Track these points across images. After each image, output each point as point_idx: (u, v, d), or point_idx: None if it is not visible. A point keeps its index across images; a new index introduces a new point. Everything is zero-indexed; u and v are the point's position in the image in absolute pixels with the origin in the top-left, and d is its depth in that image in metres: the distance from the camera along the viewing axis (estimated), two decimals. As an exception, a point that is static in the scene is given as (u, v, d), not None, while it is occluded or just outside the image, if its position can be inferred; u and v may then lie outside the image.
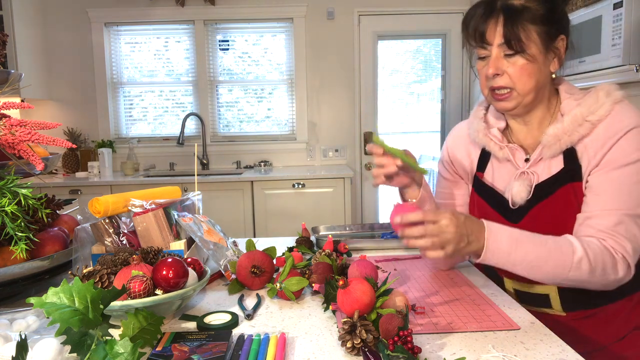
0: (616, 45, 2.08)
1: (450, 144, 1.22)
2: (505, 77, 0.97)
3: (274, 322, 0.92)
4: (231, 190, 3.29)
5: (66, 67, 3.75)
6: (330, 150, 3.89)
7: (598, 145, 0.94)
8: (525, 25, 0.94)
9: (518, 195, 1.03)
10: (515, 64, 0.96)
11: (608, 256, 0.90)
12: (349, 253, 1.29)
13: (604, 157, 0.94)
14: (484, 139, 1.09)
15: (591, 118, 0.95)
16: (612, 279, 0.91)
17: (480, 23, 0.97)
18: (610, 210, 0.92)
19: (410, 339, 0.75)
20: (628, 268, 0.92)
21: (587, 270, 0.89)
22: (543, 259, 0.89)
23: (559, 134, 0.97)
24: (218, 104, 3.90)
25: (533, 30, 0.94)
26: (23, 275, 1.00)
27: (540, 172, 1.02)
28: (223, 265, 1.12)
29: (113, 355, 0.67)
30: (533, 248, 0.90)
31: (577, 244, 0.90)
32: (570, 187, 0.98)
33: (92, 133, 3.80)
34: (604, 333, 1.03)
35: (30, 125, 0.96)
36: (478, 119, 1.12)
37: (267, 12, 3.74)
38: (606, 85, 0.98)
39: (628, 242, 0.91)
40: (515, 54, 0.95)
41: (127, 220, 1.15)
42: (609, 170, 0.93)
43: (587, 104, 0.96)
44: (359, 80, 3.83)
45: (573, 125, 0.96)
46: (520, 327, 0.87)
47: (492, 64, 0.97)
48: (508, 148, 1.06)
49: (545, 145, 0.99)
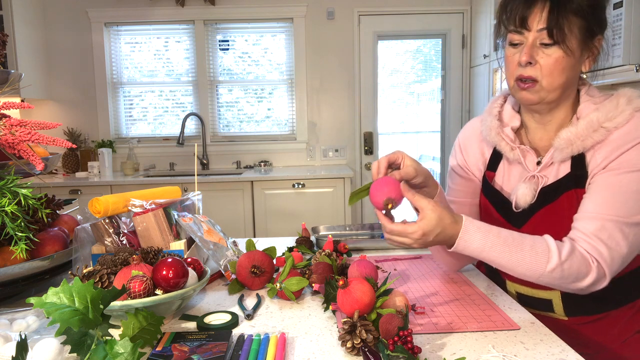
0: (616, 45, 2.08)
1: (462, 140, 1.18)
2: (537, 67, 0.93)
3: (274, 322, 0.92)
4: (231, 190, 3.29)
5: (66, 67, 3.75)
6: (330, 150, 3.89)
7: (608, 151, 0.91)
8: (569, 15, 0.89)
9: (522, 198, 1.00)
10: (550, 56, 0.92)
11: (584, 265, 0.88)
12: (349, 253, 1.29)
13: (610, 163, 0.91)
14: (496, 138, 1.06)
15: (607, 125, 0.91)
16: (583, 286, 0.90)
17: (523, 6, 0.93)
18: (599, 214, 0.89)
19: (410, 339, 0.74)
20: (603, 277, 0.89)
21: (557, 277, 0.88)
22: (514, 263, 0.88)
23: (571, 138, 0.94)
24: (218, 104, 3.90)
25: (576, 22, 0.90)
26: (23, 275, 1.00)
27: (549, 176, 1.00)
28: (223, 265, 1.12)
29: (113, 355, 0.67)
30: (505, 254, 0.88)
31: (555, 252, 0.88)
32: (574, 193, 0.96)
33: (92, 133, 3.80)
34: (606, 336, 1.03)
35: (30, 125, 0.96)
36: (492, 116, 1.08)
37: (267, 12, 3.74)
38: (629, 91, 0.94)
39: (607, 249, 0.88)
40: (554, 44, 0.91)
41: (127, 220, 1.15)
42: (610, 175, 0.91)
43: (605, 110, 0.92)
44: (359, 80, 3.83)
45: (587, 130, 0.92)
46: (520, 327, 0.87)
47: (527, 50, 0.92)
48: (519, 149, 1.03)
49: (557, 148, 0.96)
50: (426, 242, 0.89)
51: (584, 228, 0.90)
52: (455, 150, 1.20)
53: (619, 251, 0.88)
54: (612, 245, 0.88)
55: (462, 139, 1.19)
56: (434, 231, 0.87)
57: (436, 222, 0.87)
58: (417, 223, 0.87)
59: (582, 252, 0.89)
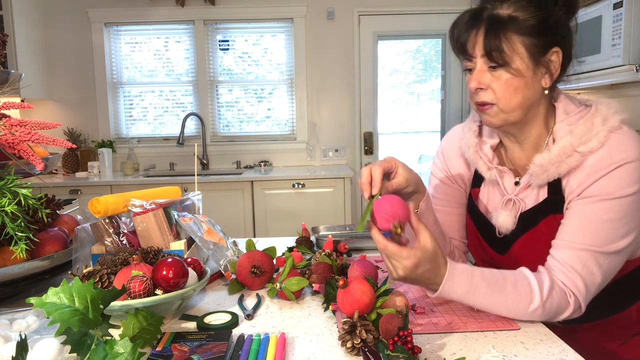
0: (616, 45, 2.08)
1: (446, 150, 1.14)
2: (490, 92, 0.90)
3: (274, 322, 0.92)
4: (231, 190, 3.29)
5: (66, 67, 3.75)
6: (330, 150, 3.89)
7: (582, 178, 0.88)
8: (509, 36, 0.86)
9: (504, 225, 0.99)
10: (499, 78, 0.89)
11: (563, 301, 0.87)
12: (349, 253, 1.29)
13: (584, 190, 0.88)
14: (474, 156, 1.02)
15: (582, 149, 0.87)
16: (560, 319, 0.89)
17: (462, 33, 0.91)
18: (573, 243, 0.87)
19: (410, 339, 0.74)
20: (579, 308, 0.88)
21: (538, 316, 0.87)
22: (497, 306, 0.87)
23: (545, 164, 0.91)
24: (218, 104, 3.90)
25: (519, 42, 0.86)
26: (23, 275, 1.00)
27: (527, 199, 0.97)
28: (223, 265, 1.12)
29: (113, 355, 0.67)
30: (488, 297, 0.86)
31: (537, 293, 0.86)
32: (553, 218, 0.94)
33: (92, 133, 3.80)
34: (604, 339, 1.02)
35: (30, 125, 0.96)
36: (471, 132, 1.05)
37: (267, 12, 3.74)
38: (605, 106, 0.90)
39: (581, 280, 0.86)
40: (499, 67, 0.88)
41: (127, 220, 1.15)
42: (585, 202, 0.88)
43: (579, 132, 0.88)
44: (359, 80, 3.83)
45: (561, 156, 0.89)
46: (520, 327, 0.87)
47: (475, 77, 0.90)
48: (497, 170, 1.00)
49: (532, 174, 0.93)
50: (411, 274, 0.83)
51: (560, 257, 0.89)
52: (438, 157, 1.15)
53: (593, 281, 0.87)
54: (586, 276, 0.87)
55: (445, 147, 1.14)
56: (423, 265, 0.83)
57: (431, 255, 0.83)
58: (413, 250, 0.82)
59: (561, 286, 0.87)
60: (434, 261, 0.84)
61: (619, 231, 0.86)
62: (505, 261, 1.02)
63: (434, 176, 1.16)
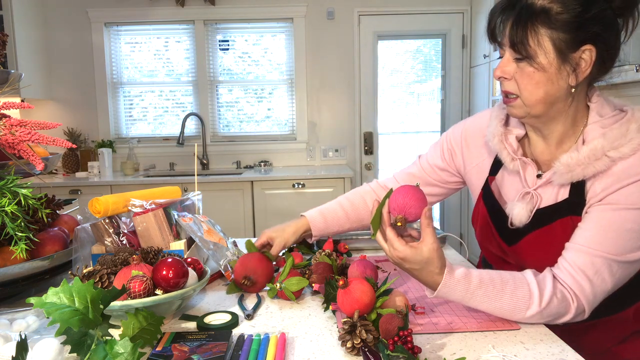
0: (616, 45, 2.07)
1: (470, 132, 1.11)
2: (513, 82, 0.89)
3: (274, 322, 0.92)
4: (231, 190, 3.29)
5: (66, 67, 3.75)
6: (330, 150, 3.89)
7: (608, 183, 0.85)
8: (537, 28, 0.83)
9: (517, 218, 0.97)
10: (523, 70, 0.87)
11: (563, 307, 0.86)
12: (349, 253, 1.29)
13: (608, 196, 0.85)
14: (499, 146, 1.00)
15: (612, 154, 0.84)
16: (560, 323, 0.89)
17: (493, 19, 0.89)
18: (589, 248, 0.85)
19: (410, 339, 0.75)
20: (582, 312, 0.87)
21: (535, 320, 0.87)
22: (493, 311, 0.87)
23: (572, 164, 0.88)
24: (218, 104, 3.90)
25: (546, 35, 0.83)
26: (23, 275, 1.00)
27: (546, 196, 0.95)
28: (223, 265, 1.12)
29: (113, 355, 0.67)
30: (485, 304, 0.87)
31: (536, 299, 0.85)
32: (570, 220, 0.92)
33: (92, 133, 3.80)
34: (604, 339, 1.02)
35: (30, 125, 0.96)
36: (497, 120, 1.02)
37: (267, 12, 3.74)
38: None
39: (590, 285, 0.85)
40: (523, 59, 0.86)
41: (127, 220, 1.15)
42: (606, 209, 0.86)
43: (612, 136, 0.85)
44: (359, 80, 3.83)
45: (589, 158, 0.86)
46: (520, 327, 0.87)
47: (500, 66, 0.90)
48: (520, 161, 0.97)
49: (556, 172, 0.91)
50: (400, 265, 0.87)
51: (571, 260, 0.87)
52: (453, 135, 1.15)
53: (603, 288, 0.86)
54: (597, 282, 0.85)
55: (469, 130, 1.12)
56: (410, 264, 0.85)
57: (422, 259, 0.84)
58: (407, 246, 0.84)
59: (563, 291, 0.86)
60: (425, 268, 0.85)
61: (637, 242, 0.85)
62: (512, 252, 1.02)
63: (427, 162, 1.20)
